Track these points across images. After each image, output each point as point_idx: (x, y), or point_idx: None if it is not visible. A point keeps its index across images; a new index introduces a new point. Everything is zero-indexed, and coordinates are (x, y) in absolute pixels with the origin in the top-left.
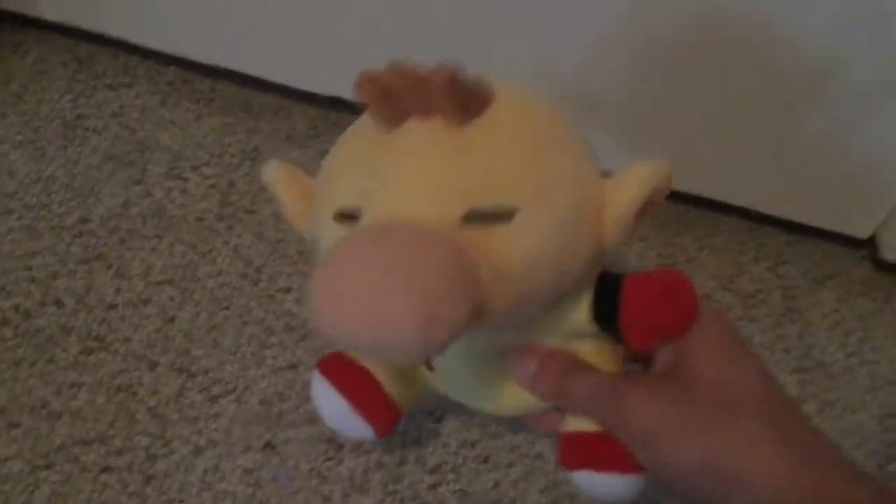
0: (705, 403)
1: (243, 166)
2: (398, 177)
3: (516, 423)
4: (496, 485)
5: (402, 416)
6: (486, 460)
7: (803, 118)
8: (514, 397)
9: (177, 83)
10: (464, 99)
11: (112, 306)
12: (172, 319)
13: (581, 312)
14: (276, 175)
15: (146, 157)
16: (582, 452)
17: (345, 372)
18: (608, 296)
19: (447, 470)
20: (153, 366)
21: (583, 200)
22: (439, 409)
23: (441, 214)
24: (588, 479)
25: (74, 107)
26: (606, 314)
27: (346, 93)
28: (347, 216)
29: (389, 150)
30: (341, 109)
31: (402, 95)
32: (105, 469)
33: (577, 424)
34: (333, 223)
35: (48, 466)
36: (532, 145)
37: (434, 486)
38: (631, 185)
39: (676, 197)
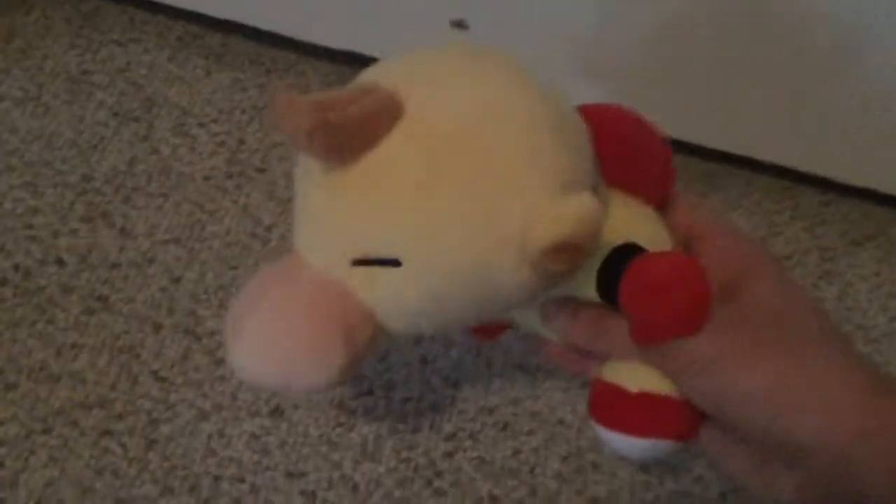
0: (772, 329)
1: (253, 123)
2: (298, 213)
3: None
4: (516, 452)
5: (505, 326)
6: (504, 427)
7: (841, 71)
8: None
9: (186, 38)
10: (335, 143)
11: (115, 266)
12: (178, 280)
13: (593, 290)
14: None
15: (153, 114)
16: (618, 412)
17: None
18: (613, 279)
19: (464, 437)
20: (157, 327)
21: (489, 235)
22: (455, 374)
23: (327, 260)
24: (619, 440)
25: (80, 62)
26: (616, 296)
27: (363, 48)
28: None
29: (303, 181)
30: (357, 65)
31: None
32: (105, 433)
33: (615, 374)
34: None
35: (46, 430)
36: (418, 186)
37: (450, 454)
38: (545, 223)
39: (705, 153)
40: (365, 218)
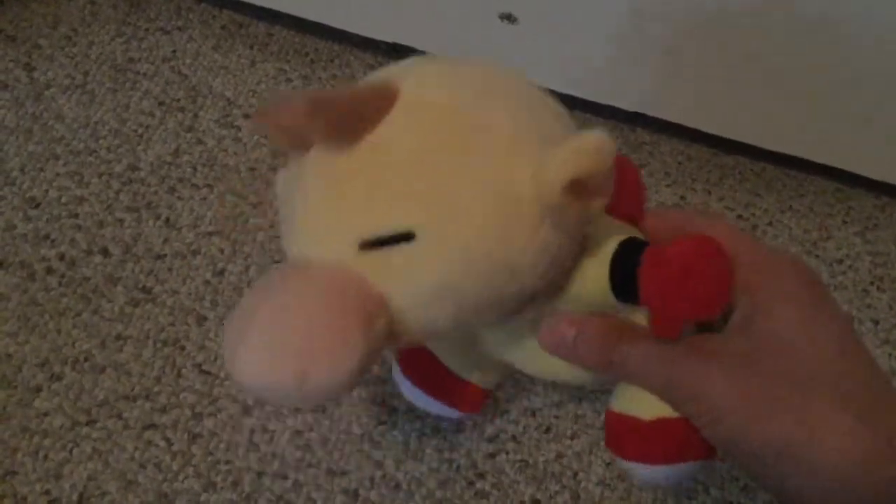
0: (778, 381)
1: None
2: (295, 212)
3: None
4: (559, 456)
5: (487, 393)
6: (547, 430)
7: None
8: (560, 364)
9: (231, 27)
10: (336, 119)
11: (160, 257)
12: (222, 272)
13: (602, 292)
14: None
15: (198, 104)
16: (636, 442)
17: (419, 363)
18: (628, 271)
19: (507, 439)
20: (201, 320)
21: (503, 197)
22: None
23: (333, 250)
24: (643, 470)
25: (126, 50)
26: (630, 291)
27: (408, 39)
28: None
29: (296, 181)
30: (401, 56)
31: (285, 126)
32: (149, 426)
33: (626, 403)
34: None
35: (90, 422)
36: (425, 156)
37: (492, 456)
38: (553, 162)
39: (757, 154)
40: (374, 195)
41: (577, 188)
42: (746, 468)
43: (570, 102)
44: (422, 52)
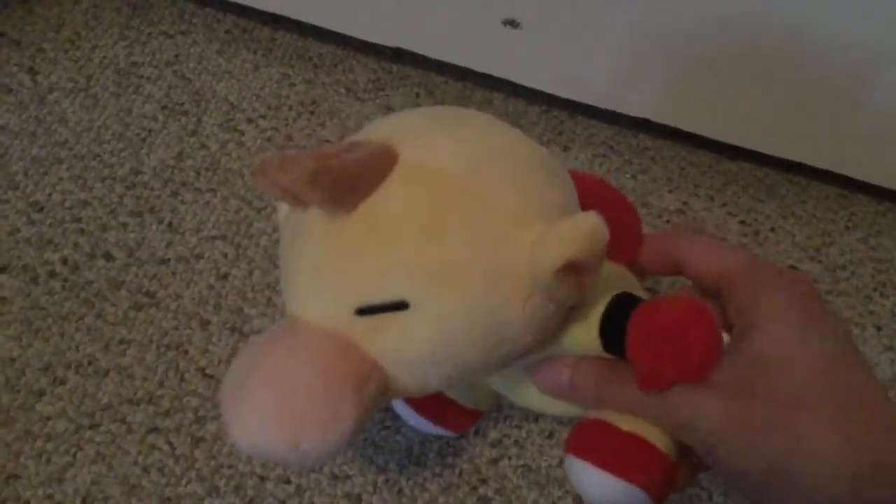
0: (769, 403)
1: (301, 119)
2: (292, 269)
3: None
4: (562, 462)
5: (479, 413)
6: (550, 435)
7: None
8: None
9: (235, 32)
10: (335, 188)
11: (164, 261)
12: (225, 276)
13: (593, 343)
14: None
15: (201, 108)
16: (603, 446)
17: None
18: (619, 326)
19: (510, 444)
20: (205, 324)
21: (497, 270)
22: None
23: (327, 314)
24: (594, 477)
25: (129, 54)
26: (620, 345)
27: (411, 44)
28: None
29: (295, 232)
30: (404, 62)
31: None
32: (153, 430)
33: (608, 415)
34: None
35: (93, 426)
36: (423, 227)
37: (495, 461)
38: (546, 246)
39: (760, 159)
40: (371, 263)
41: (569, 268)
42: (743, 490)
43: (573, 108)
44: (424, 57)
